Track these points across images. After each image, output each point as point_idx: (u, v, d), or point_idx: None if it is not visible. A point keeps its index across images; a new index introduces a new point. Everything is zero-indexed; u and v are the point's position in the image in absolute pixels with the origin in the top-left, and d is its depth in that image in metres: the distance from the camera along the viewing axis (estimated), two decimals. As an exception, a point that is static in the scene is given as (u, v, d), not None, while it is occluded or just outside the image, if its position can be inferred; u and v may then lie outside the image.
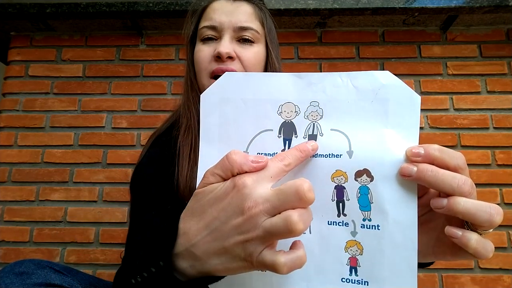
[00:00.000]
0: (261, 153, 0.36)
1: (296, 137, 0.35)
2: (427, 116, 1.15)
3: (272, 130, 0.36)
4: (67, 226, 1.12)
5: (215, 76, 0.60)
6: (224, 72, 0.57)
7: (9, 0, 1.17)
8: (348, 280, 0.33)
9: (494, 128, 1.13)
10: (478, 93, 1.16)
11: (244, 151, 0.35)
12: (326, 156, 0.34)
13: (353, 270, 0.33)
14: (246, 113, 0.37)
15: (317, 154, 0.34)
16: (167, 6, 1.13)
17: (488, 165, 1.11)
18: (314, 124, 0.35)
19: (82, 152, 1.17)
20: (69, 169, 1.16)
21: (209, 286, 0.33)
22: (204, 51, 0.60)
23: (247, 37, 0.60)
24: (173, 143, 0.61)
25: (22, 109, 1.20)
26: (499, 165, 1.10)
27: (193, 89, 0.63)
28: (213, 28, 0.60)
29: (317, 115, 0.35)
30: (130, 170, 1.15)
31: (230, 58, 0.58)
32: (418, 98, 0.33)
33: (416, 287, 0.31)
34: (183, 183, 0.55)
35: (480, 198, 0.29)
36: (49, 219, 1.12)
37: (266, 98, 0.36)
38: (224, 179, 0.31)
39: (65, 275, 0.55)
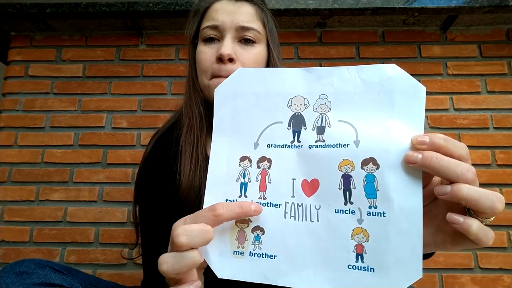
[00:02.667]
0: (271, 145, 0.38)
1: (305, 129, 0.37)
2: (427, 116, 1.15)
3: (282, 122, 0.38)
4: (67, 226, 1.11)
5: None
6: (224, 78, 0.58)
7: (9, 0, 1.17)
8: (354, 267, 0.33)
9: (494, 128, 1.13)
10: (478, 93, 1.16)
11: (254, 142, 0.38)
12: (333, 146, 0.35)
13: (359, 257, 0.33)
14: (257, 106, 0.38)
15: (325, 145, 0.36)
16: (167, 6, 1.13)
17: (488, 165, 1.11)
18: (322, 116, 0.36)
19: (82, 152, 1.17)
20: (69, 169, 1.16)
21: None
22: (205, 53, 0.60)
23: (248, 37, 0.60)
24: (175, 142, 0.61)
25: (22, 109, 1.20)
26: (499, 165, 1.10)
27: (195, 89, 0.63)
28: (215, 28, 0.60)
29: (325, 108, 0.37)
30: (130, 170, 1.15)
31: (231, 60, 0.58)
32: (423, 89, 0.34)
33: (421, 273, 0.31)
34: (185, 182, 0.55)
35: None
36: (49, 219, 1.12)
37: (277, 92, 0.38)
38: None
39: (65, 275, 0.55)
